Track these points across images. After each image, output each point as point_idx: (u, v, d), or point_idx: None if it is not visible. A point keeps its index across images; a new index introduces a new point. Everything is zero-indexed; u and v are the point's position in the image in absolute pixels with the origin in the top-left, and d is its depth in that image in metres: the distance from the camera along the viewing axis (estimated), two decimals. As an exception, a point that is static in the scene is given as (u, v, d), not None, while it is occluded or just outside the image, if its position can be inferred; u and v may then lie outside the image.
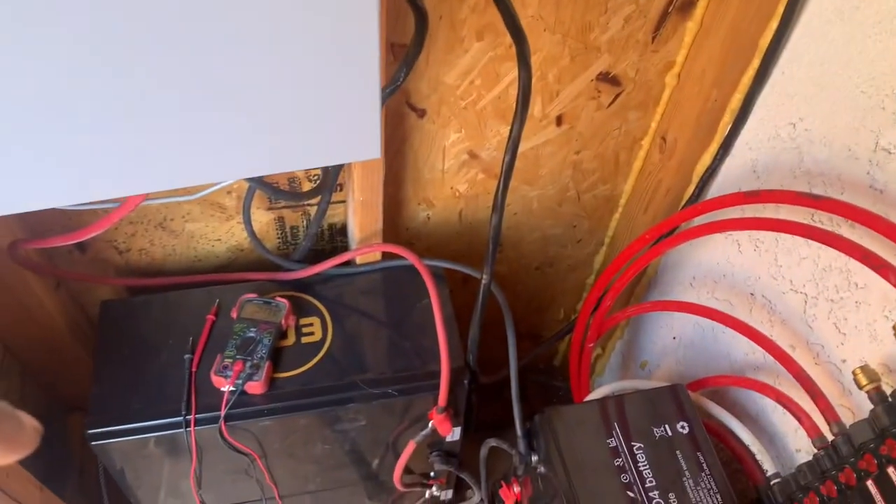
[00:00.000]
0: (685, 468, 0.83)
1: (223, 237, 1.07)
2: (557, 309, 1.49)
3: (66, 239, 0.86)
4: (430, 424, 0.97)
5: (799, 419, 0.81)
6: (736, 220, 0.88)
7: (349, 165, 0.91)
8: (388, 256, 1.04)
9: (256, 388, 0.90)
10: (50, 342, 1.01)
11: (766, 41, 0.86)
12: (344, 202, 1.05)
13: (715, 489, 0.82)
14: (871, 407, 0.69)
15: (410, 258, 0.98)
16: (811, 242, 0.82)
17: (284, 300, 0.97)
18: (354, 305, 1.02)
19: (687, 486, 0.82)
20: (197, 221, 1.03)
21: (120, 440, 0.89)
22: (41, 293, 0.95)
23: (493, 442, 0.98)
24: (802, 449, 0.88)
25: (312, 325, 0.99)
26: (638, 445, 0.85)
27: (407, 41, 0.84)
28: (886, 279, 0.68)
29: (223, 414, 0.88)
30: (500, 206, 0.83)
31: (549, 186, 1.15)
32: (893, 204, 0.72)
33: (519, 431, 0.93)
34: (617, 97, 1.01)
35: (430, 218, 1.15)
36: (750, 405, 0.97)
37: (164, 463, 0.95)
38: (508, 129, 0.78)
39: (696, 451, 0.85)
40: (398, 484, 1.08)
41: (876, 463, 0.67)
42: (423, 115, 0.96)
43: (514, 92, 0.95)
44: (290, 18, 0.45)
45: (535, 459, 0.91)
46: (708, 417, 0.93)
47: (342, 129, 0.53)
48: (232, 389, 0.89)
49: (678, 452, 0.85)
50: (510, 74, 0.93)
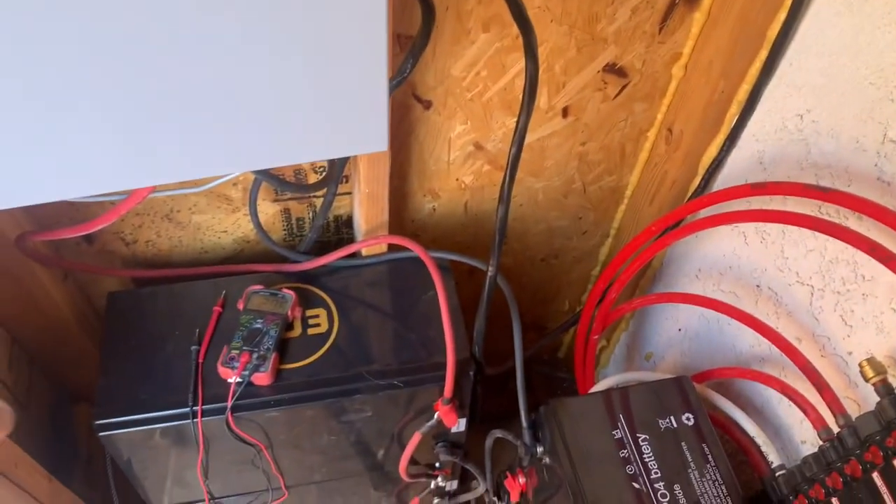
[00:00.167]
0: (690, 460, 0.84)
1: (229, 229, 1.07)
2: (563, 301, 1.49)
3: (73, 231, 0.86)
4: (435, 415, 0.98)
5: (804, 411, 0.81)
6: (742, 212, 0.88)
7: (355, 157, 0.91)
8: (393, 248, 1.05)
9: (263, 379, 0.91)
10: (57, 333, 1.02)
11: (774, 32, 0.85)
12: (350, 194, 1.05)
13: (720, 481, 0.82)
14: (877, 399, 0.69)
15: (416, 250, 0.98)
16: (818, 234, 0.82)
17: (290, 292, 0.98)
18: (360, 297, 1.03)
19: (692, 477, 0.82)
20: (203, 213, 1.03)
21: (127, 431, 0.90)
22: (49, 285, 0.95)
23: (498, 433, 0.98)
24: (808, 441, 0.88)
25: (318, 316, 1.00)
26: (643, 437, 0.85)
27: (413, 32, 0.83)
28: (893, 271, 0.68)
29: (230, 405, 0.89)
30: (506, 197, 0.83)
31: (554, 178, 1.15)
32: (901, 196, 0.72)
33: (524, 422, 0.93)
34: (623, 88, 1.01)
35: (435, 209, 1.15)
36: (755, 397, 0.97)
37: (170, 453, 0.96)
38: (514, 120, 0.78)
39: (701, 442, 0.85)
40: (404, 475, 1.09)
41: (882, 455, 0.67)
42: (428, 106, 0.96)
43: (520, 83, 0.95)
44: (298, 10, 0.44)
45: (540, 450, 0.91)
46: (713, 409, 0.93)
47: (349, 121, 0.53)
48: (238, 381, 0.90)
49: (683, 444, 0.85)
50: (516, 66, 0.93)
